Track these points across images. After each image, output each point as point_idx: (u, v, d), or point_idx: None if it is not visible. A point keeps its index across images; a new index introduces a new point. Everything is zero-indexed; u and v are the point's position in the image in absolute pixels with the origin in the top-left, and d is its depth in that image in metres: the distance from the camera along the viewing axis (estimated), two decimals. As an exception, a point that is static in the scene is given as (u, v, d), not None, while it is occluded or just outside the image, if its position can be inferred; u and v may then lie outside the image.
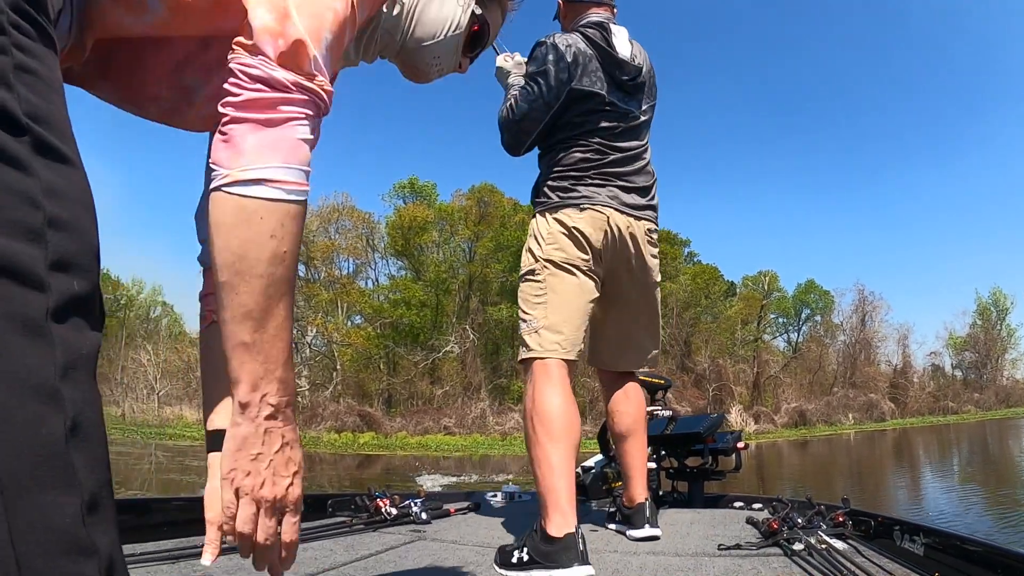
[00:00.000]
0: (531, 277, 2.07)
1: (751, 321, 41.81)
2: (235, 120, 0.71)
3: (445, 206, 35.48)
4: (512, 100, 2.14)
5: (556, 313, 1.99)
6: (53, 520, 0.49)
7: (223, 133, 0.72)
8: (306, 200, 0.75)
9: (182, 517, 1.86)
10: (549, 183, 2.13)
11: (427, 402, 30.01)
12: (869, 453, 19.56)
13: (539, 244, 2.07)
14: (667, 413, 3.21)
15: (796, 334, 46.76)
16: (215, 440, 0.93)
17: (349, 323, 33.18)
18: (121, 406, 32.34)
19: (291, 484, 0.77)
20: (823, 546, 1.72)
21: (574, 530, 1.65)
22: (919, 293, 68.22)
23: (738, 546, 1.82)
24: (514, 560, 1.68)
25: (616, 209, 2.09)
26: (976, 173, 66.80)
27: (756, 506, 2.81)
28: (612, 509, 2.38)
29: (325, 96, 0.76)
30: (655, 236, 2.24)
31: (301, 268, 34.49)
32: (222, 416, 0.97)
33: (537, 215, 2.14)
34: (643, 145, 2.24)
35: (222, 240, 0.71)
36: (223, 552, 1.60)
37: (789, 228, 70.04)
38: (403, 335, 32.30)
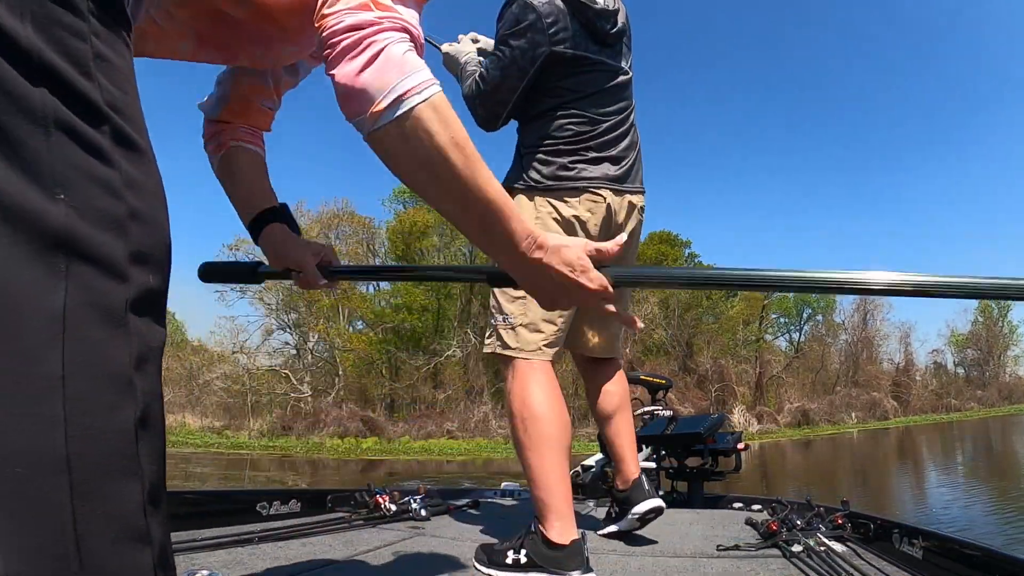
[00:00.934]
0: None
1: (753, 321, 41.76)
2: (344, 72, 0.76)
3: (445, 210, 35.42)
4: (480, 71, 1.96)
5: (539, 309, 1.82)
6: (117, 507, 0.51)
7: (343, 87, 0.77)
8: (440, 87, 0.79)
9: (184, 511, 1.88)
10: (539, 159, 1.94)
11: (430, 406, 29.98)
12: (873, 452, 19.54)
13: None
14: (667, 413, 3.22)
15: (798, 334, 46.70)
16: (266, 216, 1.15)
17: (351, 328, 33.18)
18: (124, 414, 32.37)
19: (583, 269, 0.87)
20: (822, 548, 1.73)
21: (579, 536, 1.63)
22: (921, 291, 67.99)
23: (737, 547, 1.83)
24: (509, 561, 1.63)
25: (612, 190, 1.95)
26: (977, 169, 66.77)
27: (755, 507, 2.81)
28: (608, 508, 2.29)
29: (409, 25, 0.80)
30: (642, 214, 2.12)
31: (302, 274, 34.43)
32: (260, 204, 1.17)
33: (523, 196, 1.93)
34: (630, 107, 2.07)
35: (411, 169, 0.79)
36: (222, 546, 1.61)
37: (789, 228, 70.01)
38: (405, 340, 32.29)
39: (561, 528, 1.63)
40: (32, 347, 0.49)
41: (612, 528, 2.10)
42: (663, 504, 1.98)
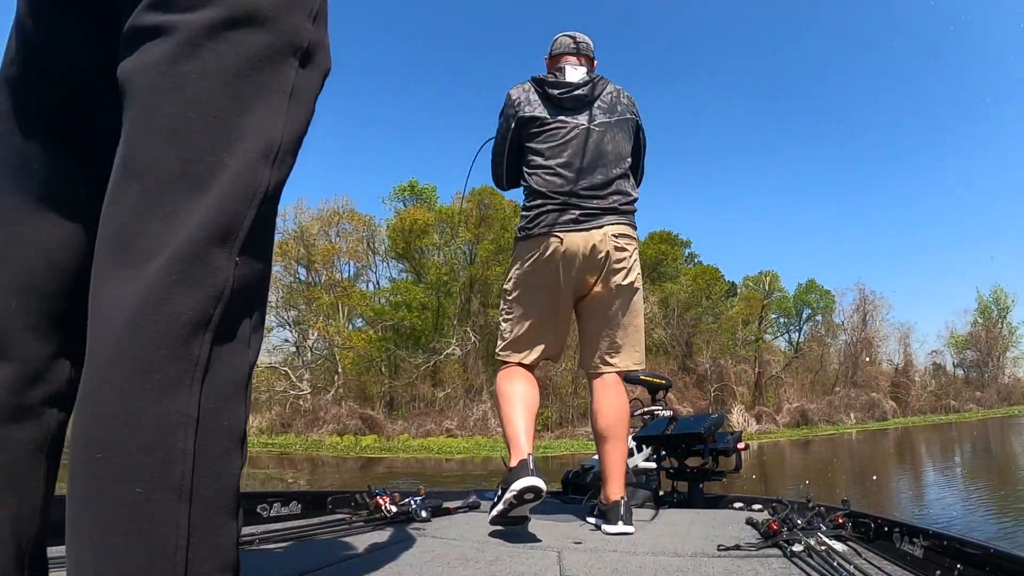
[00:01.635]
0: (504, 295, 2.54)
1: (752, 321, 41.80)
2: None
3: (445, 208, 35.49)
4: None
5: (517, 329, 2.48)
6: (223, 541, 0.58)
7: None
8: None
9: None
10: (522, 214, 2.51)
11: (429, 404, 30.01)
12: (871, 452, 19.56)
13: (511, 268, 2.51)
14: (667, 413, 3.21)
15: (797, 334, 46.77)
16: None
17: (350, 326, 33.19)
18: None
19: None
20: (822, 547, 1.72)
21: (526, 456, 2.10)
22: (920, 292, 68.30)
23: (737, 547, 1.83)
24: (496, 502, 2.10)
25: (573, 231, 2.36)
26: (977, 172, 66.81)
27: (756, 507, 2.81)
28: (593, 503, 2.49)
29: None
30: (623, 240, 2.42)
31: (301, 272, 34.57)
32: None
33: (516, 240, 2.53)
34: (603, 154, 2.45)
35: None
36: None
37: (789, 228, 70.05)
38: (404, 338, 32.30)
39: (515, 456, 2.15)
40: (174, 383, 0.56)
41: (591, 520, 2.37)
42: (631, 531, 2.17)
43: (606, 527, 2.21)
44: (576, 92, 2.47)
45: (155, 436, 0.55)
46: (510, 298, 2.50)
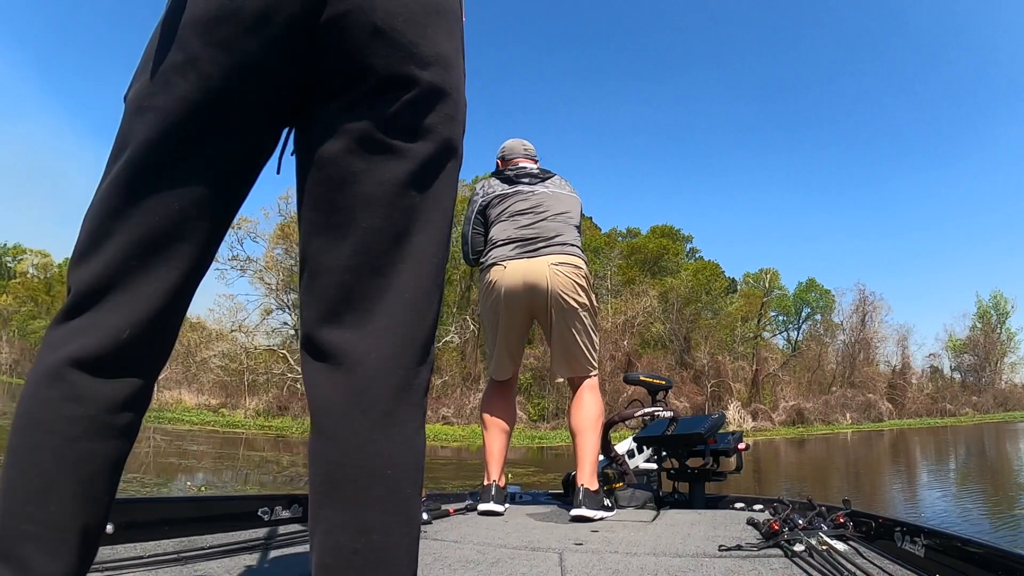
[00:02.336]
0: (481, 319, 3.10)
1: (751, 318, 41.83)
2: None
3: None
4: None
5: (489, 350, 3.03)
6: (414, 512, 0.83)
7: None
8: None
9: (183, 516, 1.85)
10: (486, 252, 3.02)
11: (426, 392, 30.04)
12: (866, 453, 19.61)
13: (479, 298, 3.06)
14: (668, 414, 3.21)
15: (796, 332, 46.85)
16: None
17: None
18: (120, 389, 32.39)
19: None
20: (824, 547, 1.72)
21: (490, 482, 2.76)
22: (920, 295, 68.30)
23: (739, 547, 1.82)
24: (472, 502, 2.81)
25: (516, 257, 2.85)
26: (979, 176, 66.68)
27: (757, 507, 2.81)
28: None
29: None
30: (564, 268, 2.83)
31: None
32: None
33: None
34: (546, 208, 2.95)
35: None
36: (225, 554, 1.60)
37: (791, 226, 69.99)
38: (403, 324, 32.24)
39: (486, 476, 2.81)
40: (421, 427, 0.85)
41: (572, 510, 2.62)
42: (587, 515, 2.48)
43: (572, 511, 2.53)
44: (529, 171, 3.07)
45: (419, 460, 0.82)
46: (484, 324, 3.08)
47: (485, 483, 2.77)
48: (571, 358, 2.88)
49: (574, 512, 2.50)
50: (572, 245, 2.92)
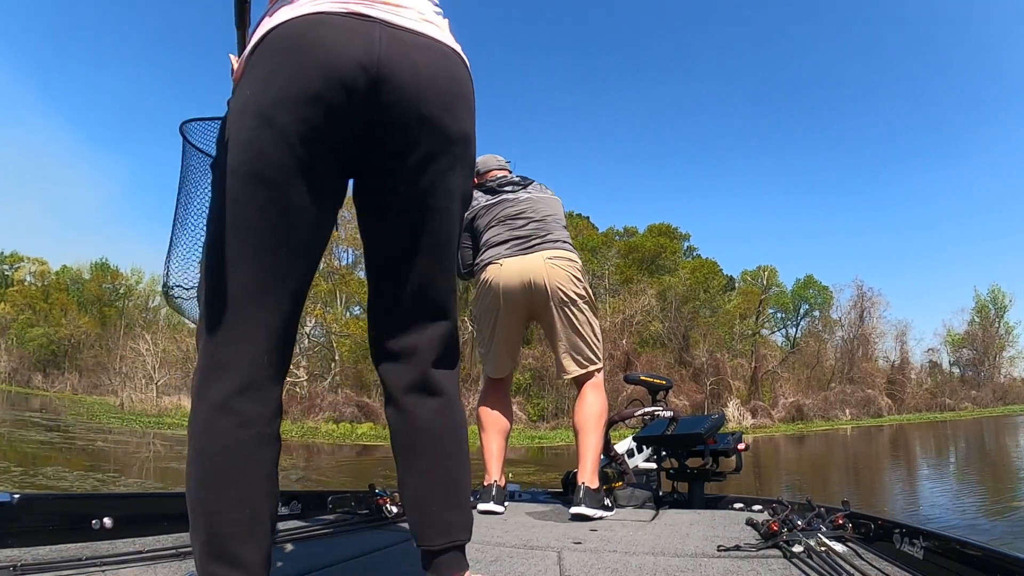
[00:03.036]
0: (477, 318, 3.07)
1: (749, 315, 41.84)
2: None
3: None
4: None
5: (486, 345, 3.02)
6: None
7: None
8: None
9: (182, 511, 1.85)
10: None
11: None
12: (865, 449, 19.63)
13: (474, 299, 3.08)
14: (668, 414, 3.21)
15: (794, 329, 46.91)
16: None
17: (348, 314, 33.20)
18: (120, 395, 32.32)
19: None
20: (823, 548, 1.73)
21: (491, 482, 2.77)
22: (918, 290, 68.46)
23: (738, 547, 1.83)
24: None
25: (509, 255, 2.88)
26: (976, 171, 66.78)
27: (756, 508, 2.81)
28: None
29: None
30: (559, 261, 2.87)
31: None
32: None
33: None
34: (534, 211, 2.99)
35: None
36: None
37: (788, 223, 70.06)
38: (402, 326, 32.21)
39: (486, 476, 2.81)
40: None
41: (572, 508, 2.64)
42: (586, 513, 2.51)
43: (571, 508, 2.56)
44: (511, 179, 3.11)
45: (465, 425, 1.26)
46: (478, 324, 3.08)
47: (485, 483, 2.79)
48: (577, 351, 2.89)
49: (574, 510, 2.52)
50: (564, 242, 2.97)
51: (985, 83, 65.35)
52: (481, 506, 2.71)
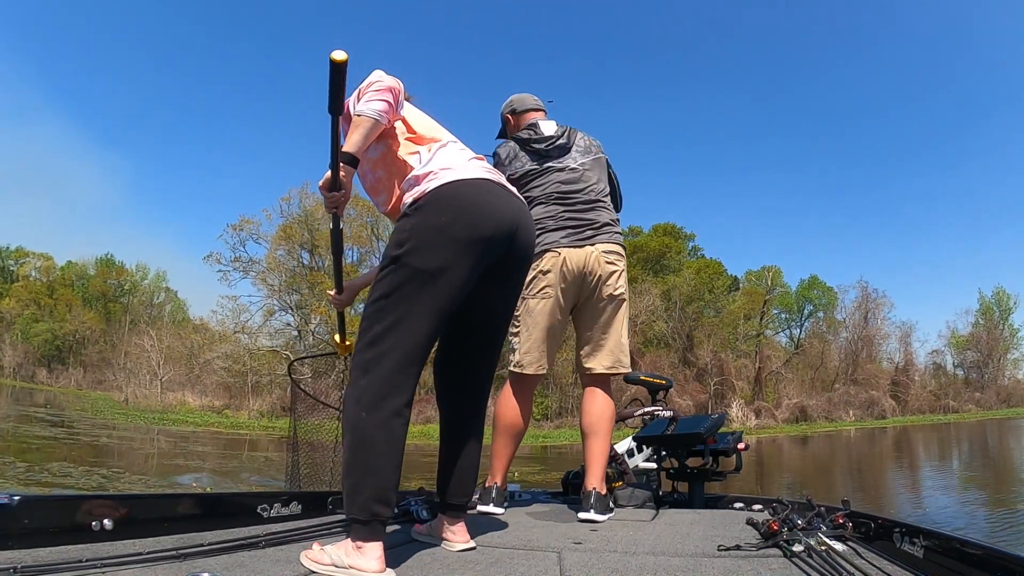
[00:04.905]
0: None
1: (754, 316, 41.72)
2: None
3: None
4: None
5: (526, 342, 2.79)
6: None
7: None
8: (377, 119, 1.78)
9: (183, 513, 1.86)
10: None
11: (430, 391, 30.00)
12: (869, 450, 19.58)
13: None
14: (668, 413, 3.21)
15: (798, 330, 46.73)
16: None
17: (353, 311, 33.08)
18: (124, 391, 32.45)
19: None
20: (823, 548, 1.72)
21: (492, 484, 2.71)
22: (922, 291, 68.13)
23: (738, 547, 1.83)
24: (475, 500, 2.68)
25: (569, 246, 2.75)
26: (982, 173, 66.47)
27: (756, 507, 2.81)
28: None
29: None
30: (612, 256, 2.79)
31: (305, 256, 34.55)
32: None
33: None
34: (588, 187, 2.85)
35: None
36: (224, 551, 1.60)
37: (793, 224, 69.86)
38: (406, 324, 32.20)
39: (489, 478, 2.73)
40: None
41: (580, 514, 2.58)
42: (598, 519, 2.47)
43: (580, 514, 2.50)
44: (558, 142, 2.87)
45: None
46: (517, 313, 2.77)
47: (487, 484, 2.70)
48: (618, 350, 2.81)
49: (583, 516, 2.48)
50: (617, 232, 2.88)
51: (989, 84, 65.08)
52: (480, 507, 2.65)
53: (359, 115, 1.75)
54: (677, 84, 71.95)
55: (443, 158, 1.84)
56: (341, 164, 1.76)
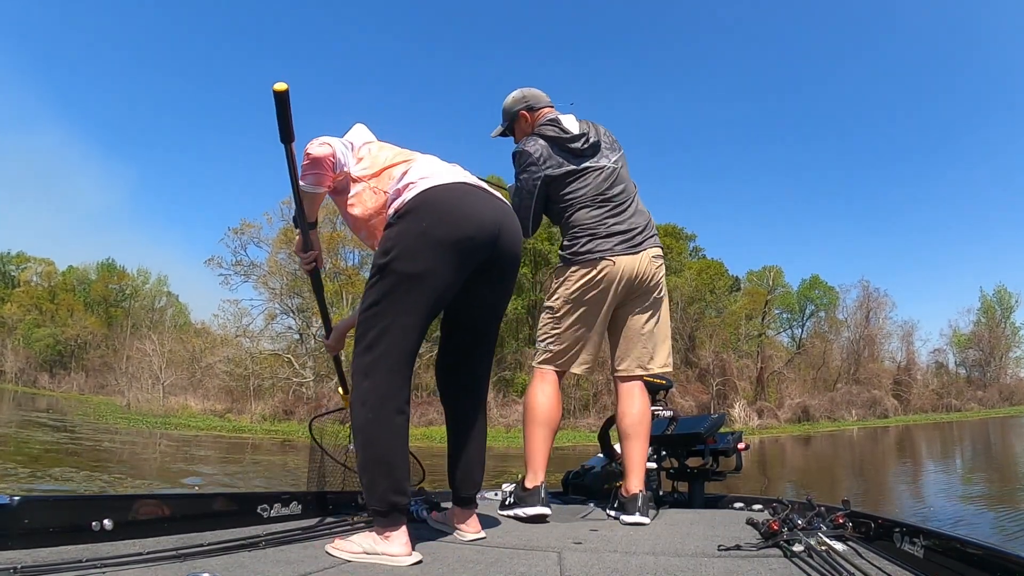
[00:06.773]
0: (549, 312, 2.76)
1: (755, 316, 41.67)
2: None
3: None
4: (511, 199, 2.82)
5: (560, 344, 2.72)
6: None
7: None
8: (312, 191, 2.04)
9: (183, 513, 1.86)
10: (566, 242, 2.76)
11: (431, 393, 30.02)
12: (872, 449, 19.56)
13: (558, 288, 2.74)
14: (668, 413, 3.21)
15: (800, 330, 46.65)
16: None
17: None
18: (126, 396, 32.46)
19: None
20: (823, 547, 1.72)
21: (540, 484, 2.51)
22: (924, 290, 68.13)
23: (738, 547, 1.82)
24: (507, 503, 2.60)
25: (621, 254, 2.66)
26: (983, 171, 66.42)
27: (756, 507, 2.81)
28: (613, 498, 2.66)
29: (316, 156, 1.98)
30: (658, 260, 2.76)
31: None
32: None
33: (562, 263, 2.77)
34: (627, 187, 2.78)
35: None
36: (224, 551, 1.60)
37: (794, 224, 69.83)
38: (407, 327, 32.20)
39: (531, 478, 2.55)
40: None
41: (611, 512, 2.60)
42: (646, 522, 2.38)
43: (624, 517, 2.44)
44: (591, 140, 2.75)
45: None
46: (558, 315, 2.72)
47: (529, 485, 2.53)
48: (662, 352, 2.79)
49: (630, 519, 2.41)
50: (655, 232, 2.85)
51: (991, 84, 65.03)
52: (529, 511, 2.46)
53: (302, 190, 2.02)
54: (678, 84, 72.02)
55: (419, 169, 1.92)
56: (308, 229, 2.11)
